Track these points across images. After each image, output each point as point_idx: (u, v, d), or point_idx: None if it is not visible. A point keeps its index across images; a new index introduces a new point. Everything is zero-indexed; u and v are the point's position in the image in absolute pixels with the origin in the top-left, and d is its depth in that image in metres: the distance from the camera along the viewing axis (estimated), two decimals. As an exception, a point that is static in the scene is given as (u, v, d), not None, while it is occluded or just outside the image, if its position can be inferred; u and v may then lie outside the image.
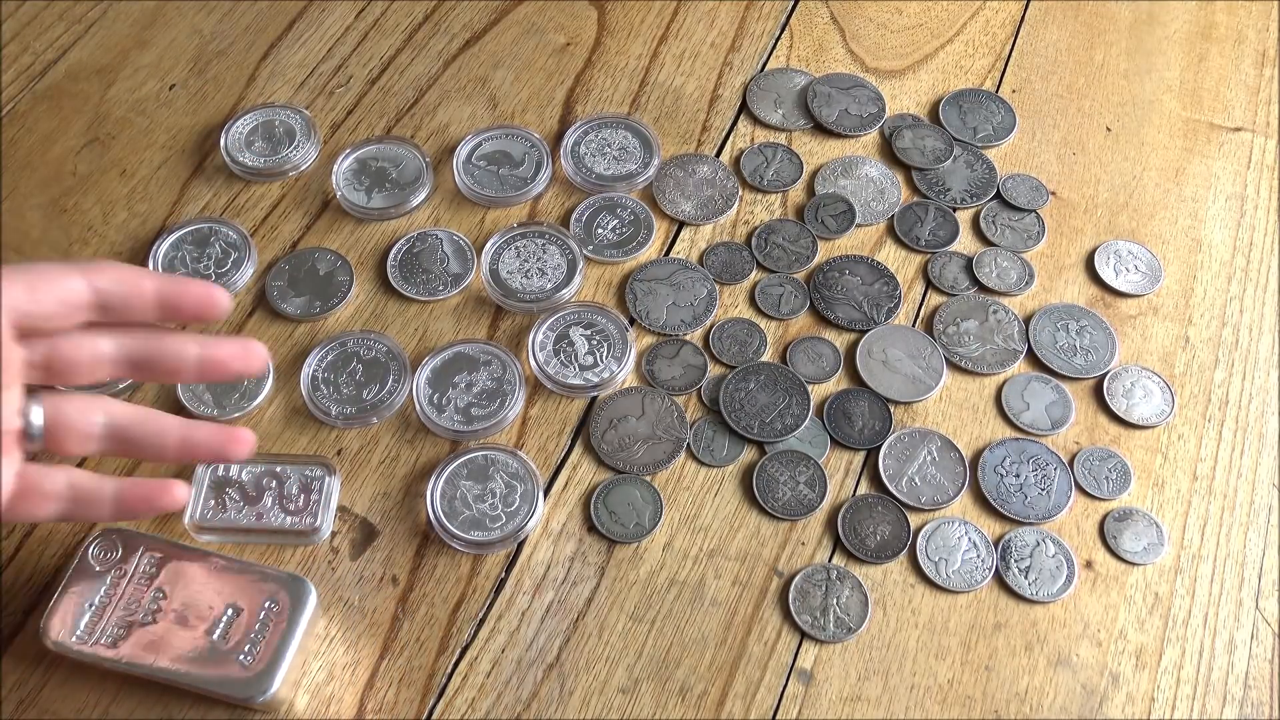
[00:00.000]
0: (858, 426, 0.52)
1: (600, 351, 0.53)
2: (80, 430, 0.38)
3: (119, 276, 0.37)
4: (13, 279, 0.35)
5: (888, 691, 0.45)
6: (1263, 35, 0.68)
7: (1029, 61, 0.66)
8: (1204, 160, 0.62)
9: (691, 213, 0.58)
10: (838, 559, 0.49)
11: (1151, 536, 0.49)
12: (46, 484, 0.38)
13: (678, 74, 0.64)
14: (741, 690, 0.45)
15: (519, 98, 0.63)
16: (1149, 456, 0.52)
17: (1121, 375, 0.54)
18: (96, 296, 0.37)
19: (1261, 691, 0.46)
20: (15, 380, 0.36)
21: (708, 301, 0.55)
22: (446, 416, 0.51)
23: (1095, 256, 0.58)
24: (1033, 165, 0.61)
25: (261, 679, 0.41)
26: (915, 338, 0.55)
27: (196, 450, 0.40)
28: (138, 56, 0.64)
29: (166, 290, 0.38)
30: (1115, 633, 0.47)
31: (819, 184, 0.60)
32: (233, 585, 0.43)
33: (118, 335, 0.38)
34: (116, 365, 0.38)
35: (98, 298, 0.37)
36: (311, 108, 0.62)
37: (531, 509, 0.48)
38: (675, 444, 0.51)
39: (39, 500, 0.38)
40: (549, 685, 0.45)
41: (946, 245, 0.58)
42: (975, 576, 0.48)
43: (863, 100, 0.63)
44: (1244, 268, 0.58)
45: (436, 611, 0.47)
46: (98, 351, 0.38)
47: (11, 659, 0.45)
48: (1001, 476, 0.51)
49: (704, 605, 0.47)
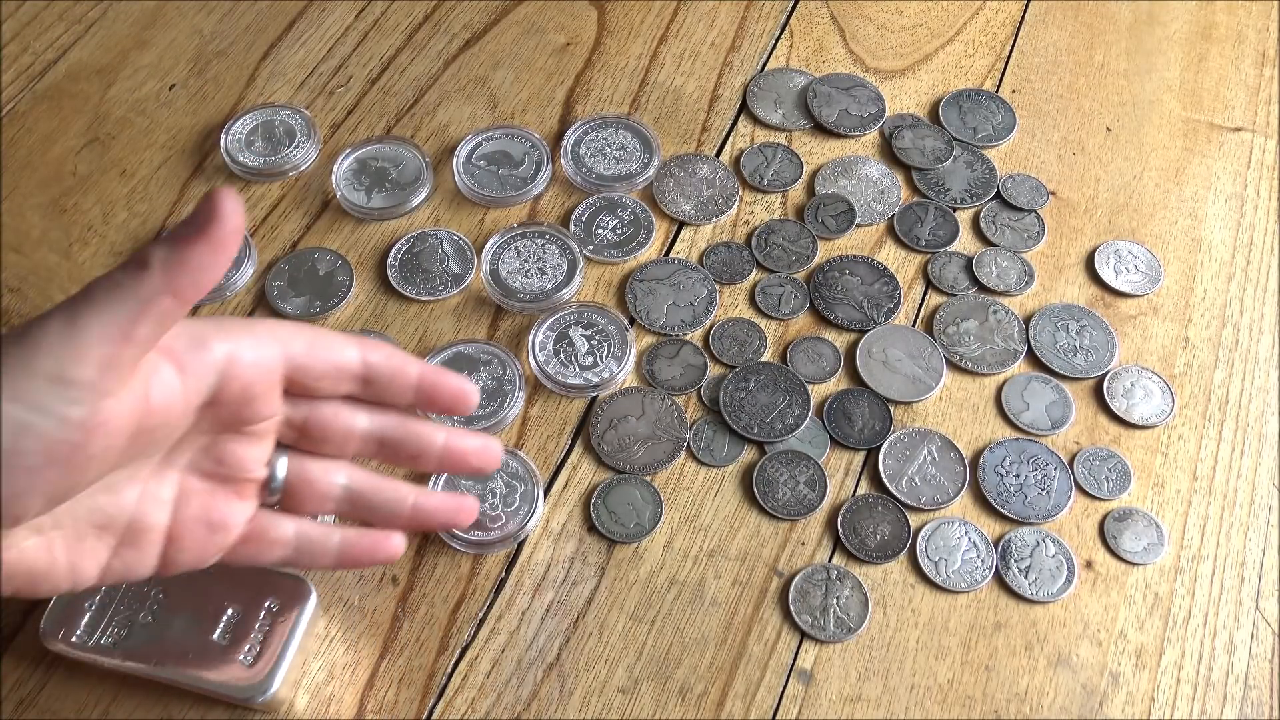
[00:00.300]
0: (858, 426, 0.52)
1: (600, 351, 0.53)
2: (320, 490, 0.38)
3: (389, 355, 0.37)
4: (295, 333, 0.35)
5: (888, 691, 0.45)
6: (1263, 35, 0.68)
7: (1029, 61, 0.66)
8: (1204, 160, 0.62)
9: (691, 213, 0.58)
10: (838, 559, 0.49)
11: (1151, 536, 0.49)
12: (275, 531, 0.38)
13: (678, 74, 0.64)
14: (741, 690, 0.45)
15: (519, 98, 0.63)
16: (1149, 456, 0.52)
17: (1121, 375, 0.54)
18: (366, 370, 0.37)
19: (1261, 691, 0.46)
20: (271, 433, 0.37)
21: (708, 301, 0.55)
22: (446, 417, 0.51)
23: (1095, 256, 0.58)
24: (1033, 165, 0.61)
25: (261, 679, 0.41)
26: (915, 338, 0.55)
27: (430, 519, 0.40)
28: (138, 56, 0.64)
29: (428, 378, 0.38)
30: (1115, 633, 0.47)
31: (819, 184, 0.60)
32: (233, 585, 0.43)
33: (371, 413, 0.38)
34: (366, 442, 0.38)
35: (367, 371, 0.37)
36: (311, 108, 0.62)
37: (531, 509, 0.48)
38: (675, 444, 0.51)
39: (266, 546, 0.38)
40: (549, 685, 0.45)
41: (946, 245, 0.58)
42: (975, 576, 0.48)
43: (863, 100, 0.63)
44: (1244, 268, 0.58)
45: (436, 611, 0.47)
46: (352, 425, 0.38)
47: (11, 659, 0.45)
48: (1001, 476, 0.51)
49: (704, 605, 0.47)
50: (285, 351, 0.35)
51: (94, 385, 0.30)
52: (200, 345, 0.33)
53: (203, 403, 0.33)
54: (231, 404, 0.34)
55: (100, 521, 0.34)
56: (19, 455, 0.29)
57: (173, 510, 0.35)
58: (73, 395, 0.29)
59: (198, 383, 0.33)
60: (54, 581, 0.33)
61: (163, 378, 0.32)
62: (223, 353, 0.33)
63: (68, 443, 0.30)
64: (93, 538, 0.34)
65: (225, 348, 0.33)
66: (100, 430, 0.30)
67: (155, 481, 0.35)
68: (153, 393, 0.31)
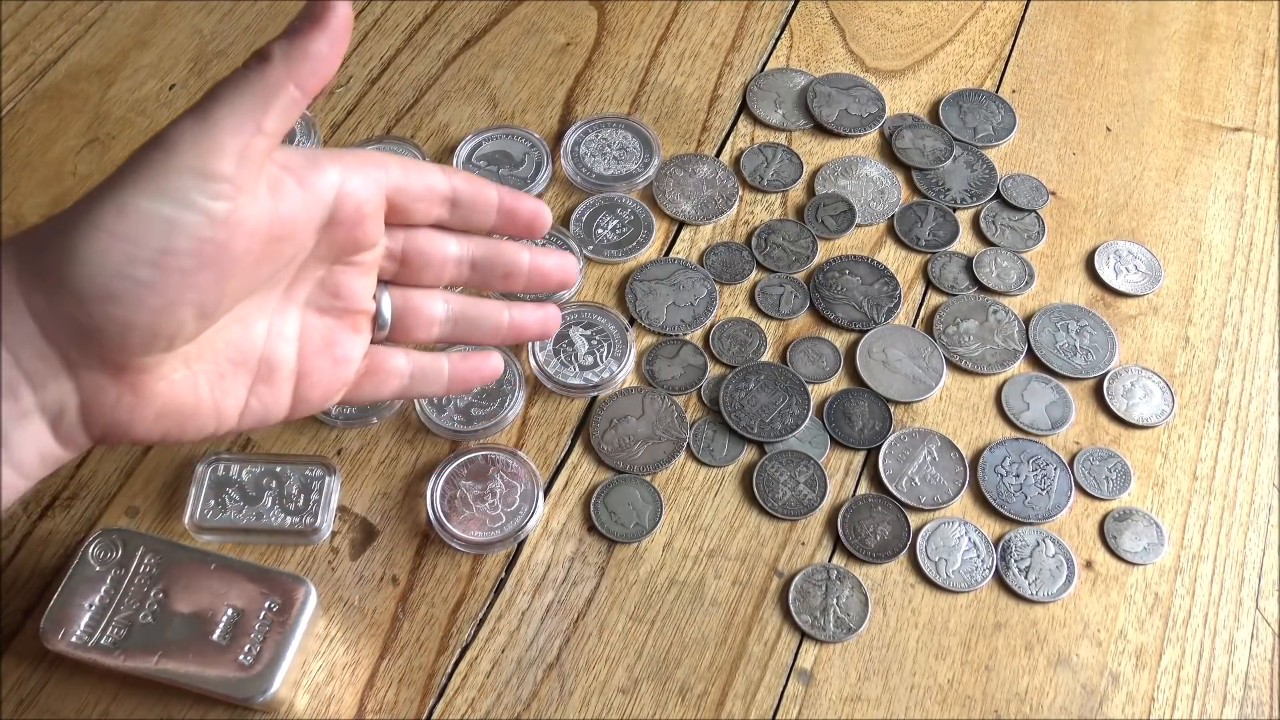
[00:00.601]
0: (858, 426, 0.52)
1: (600, 351, 0.53)
2: (426, 316, 0.41)
3: (469, 178, 0.40)
4: (388, 159, 0.38)
5: (888, 691, 0.45)
6: (1263, 35, 0.68)
7: (1029, 61, 0.66)
8: (1204, 160, 0.62)
9: (691, 213, 0.59)
10: (838, 559, 0.49)
11: (1151, 536, 0.49)
12: (390, 362, 0.41)
13: (678, 74, 0.64)
14: (741, 690, 0.45)
15: (519, 98, 0.63)
16: (1149, 456, 0.52)
17: (1121, 375, 0.54)
18: (453, 192, 0.40)
19: (1261, 691, 0.46)
20: (375, 266, 0.39)
21: (708, 301, 0.55)
22: (446, 416, 0.51)
23: (1095, 256, 0.58)
24: (1033, 165, 0.61)
25: (261, 679, 0.41)
26: (915, 338, 0.55)
27: (525, 329, 0.44)
28: (138, 56, 0.64)
29: (507, 198, 0.41)
30: (1115, 633, 0.47)
31: (819, 184, 0.60)
32: (233, 585, 0.43)
33: (460, 239, 0.41)
34: (460, 265, 0.41)
35: (454, 193, 0.40)
36: (311, 107, 0.62)
37: (531, 509, 0.48)
38: (675, 444, 0.51)
39: (385, 377, 0.41)
40: (549, 685, 0.45)
41: (946, 245, 0.58)
42: (975, 576, 0.48)
43: (863, 100, 0.63)
44: (1244, 268, 0.58)
45: (436, 611, 0.47)
46: (446, 250, 0.41)
47: (11, 659, 0.45)
48: (1001, 476, 0.51)
49: (704, 605, 0.47)
50: (386, 173, 0.37)
51: (233, 178, 0.31)
52: (315, 165, 0.35)
53: (323, 222, 0.35)
54: (346, 224, 0.36)
55: (236, 357, 0.36)
56: (172, 255, 0.31)
57: (299, 346, 0.38)
58: (215, 189, 0.31)
59: (317, 200, 0.35)
60: (200, 421, 0.35)
61: (287, 190, 0.34)
62: (335, 172, 0.35)
63: (214, 241, 0.31)
64: (231, 375, 0.36)
65: (337, 168, 0.35)
66: (241, 230, 0.32)
67: (280, 317, 0.37)
68: (280, 204, 0.33)
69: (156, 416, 0.34)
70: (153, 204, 0.30)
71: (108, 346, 0.31)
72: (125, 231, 0.30)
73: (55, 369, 0.32)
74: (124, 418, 0.33)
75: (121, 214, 0.30)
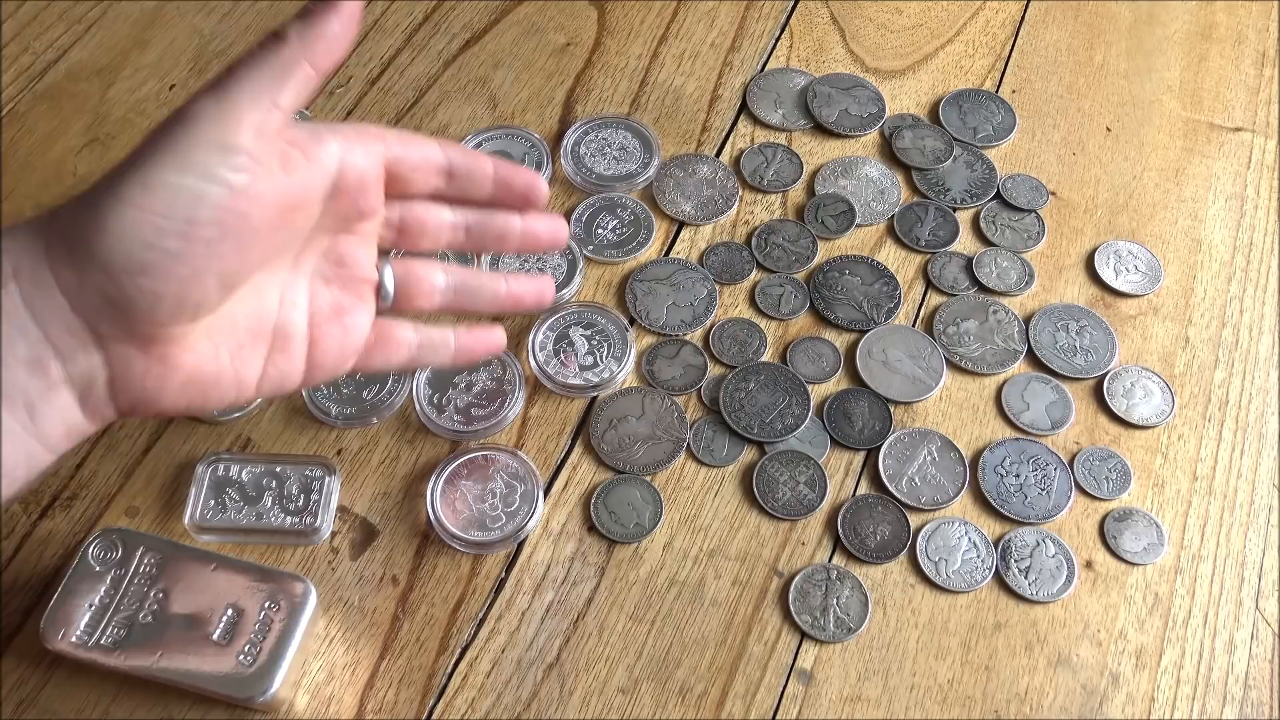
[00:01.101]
0: (858, 426, 0.52)
1: (600, 351, 0.53)
2: (427, 285, 0.42)
3: (464, 151, 0.41)
4: (385, 131, 0.39)
5: (888, 691, 0.45)
6: (1263, 35, 0.68)
7: (1029, 61, 0.66)
8: (1204, 160, 0.62)
9: (691, 213, 0.59)
10: (838, 559, 0.49)
11: (1151, 536, 0.49)
12: (400, 333, 0.42)
13: (678, 74, 0.64)
14: (741, 690, 0.45)
15: (519, 98, 0.63)
16: (1149, 456, 0.52)
17: (1121, 375, 0.54)
18: (449, 163, 0.41)
19: (1261, 691, 0.46)
20: (374, 236, 0.41)
21: (708, 301, 0.55)
22: (446, 417, 0.51)
23: (1095, 256, 0.58)
24: (1033, 165, 0.61)
25: (261, 679, 0.41)
26: (915, 338, 0.55)
27: (522, 298, 0.44)
28: (138, 56, 0.64)
29: (501, 170, 0.42)
30: (1115, 633, 0.47)
31: (819, 184, 0.60)
32: (233, 585, 0.43)
33: (455, 208, 0.42)
34: (455, 230, 0.42)
35: (450, 164, 0.41)
36: (311, 108, 0.62)
37: (531, 509, 0.48)
38: (675, 444, 0.51)
39: (395, 347, 0.42)
40: (549, 685, 0.45)
41: (946, 245, 0.58)
42: (975, 576, 0.48)
43: (863, 100, 0.63)
44: (1244, 268, 0.58)
45: (436, 611, 0.47)
46: (442, 217, 0.42)
47: (11, 659, 0.45)
48: (1001, 476, 0.51)
49: (704, 605, 0.47)
50: (384, 144, 0.39)
51: (251, 152, 0.33)
52: (318, 139, 0.36)
53: (328, 190, 0.36)
54: (349, 194, 0.37)
55: (254, 327, 0.37)
56: (197, 226, 0.32)
57: (309, 314, 0.39)
58: (236, 162, 0.32)
59: (323, 170, 0.36)
60: (222, 390, 0.36)
61: (295, 162, 0.35)
62: (337, 145, 0.36)
63: (235, 211, 0.33)
64: (250, 345, 0.37)
65: (338, 140, 0.37)
66: (259, 201, 0.33)
67: (290, 288, 0.38)
68: (290, 176, 0.35)
69: (182, 386, 0.35)
70: (177, 177, 0.32)
71: (137, 318, 0.33)
72: (152, 205, 0.31)
73: (84, 342, 0.33)
74: (152, 388, 0.34)
75: (147, 188, 0.31)
